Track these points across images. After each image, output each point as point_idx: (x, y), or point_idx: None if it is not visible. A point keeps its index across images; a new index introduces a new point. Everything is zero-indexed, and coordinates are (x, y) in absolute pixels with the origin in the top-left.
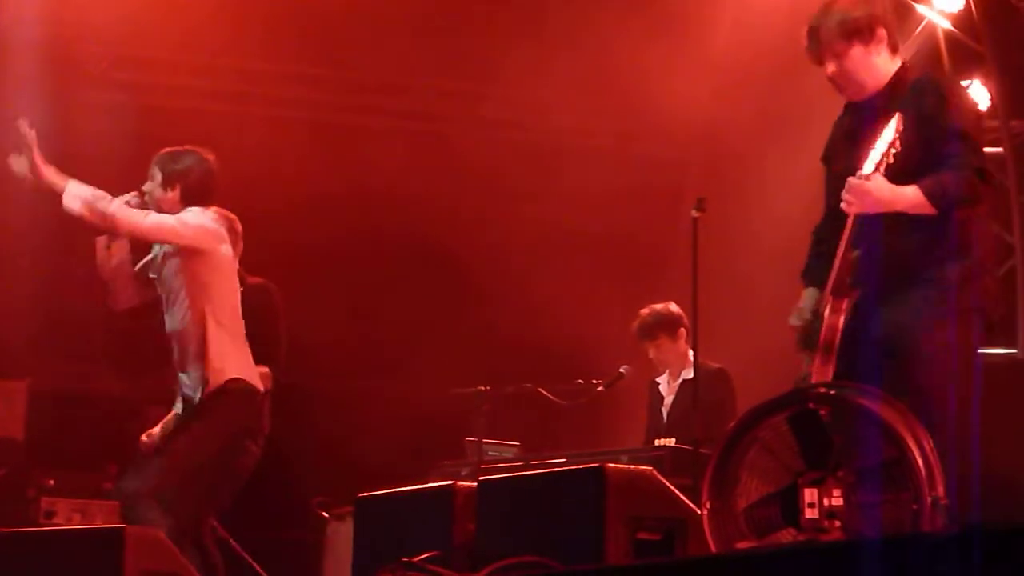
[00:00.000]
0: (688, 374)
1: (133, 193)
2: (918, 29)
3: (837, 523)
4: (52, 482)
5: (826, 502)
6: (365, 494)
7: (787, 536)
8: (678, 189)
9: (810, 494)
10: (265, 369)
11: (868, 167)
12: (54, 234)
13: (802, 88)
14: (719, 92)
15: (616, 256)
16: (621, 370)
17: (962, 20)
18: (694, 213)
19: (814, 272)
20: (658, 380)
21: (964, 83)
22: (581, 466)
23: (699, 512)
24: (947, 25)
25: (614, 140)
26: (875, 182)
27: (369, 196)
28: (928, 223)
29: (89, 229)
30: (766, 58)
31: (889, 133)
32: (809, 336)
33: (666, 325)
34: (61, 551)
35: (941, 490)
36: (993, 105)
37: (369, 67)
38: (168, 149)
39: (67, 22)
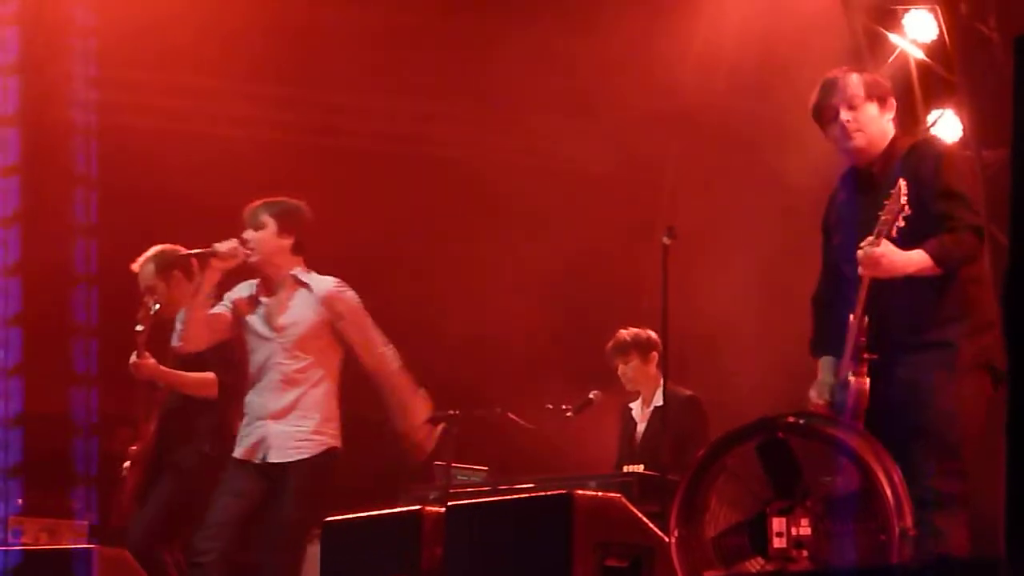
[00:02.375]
0: (660, 400)
1: (234, 241)
2: (891, 58)
3: (805, 552)
4: (20, 501)
5: (794, 531)
6: (333, 518)
7: (755, 565)
8: (650, 215)
9: (778, 523)
10: (211, 375)
11: (877, 234)
12: (30, 250)
13: (775, 113)
14: (692, 116)
15: (588, 281)
16: (591, 395)
17: (935, 50)
18: (665, 240)
19: (824, 341)
20: (631, 406)
21: (936, 112)
22: (549, 492)
23: (667, 539)
24: (920, 55)
25: (588, 164)
26: (884, 248)
27: (342, 215)
28: (930, 286)
29: None
30: (738, 84)
31: (897, 199)
32: (836, 409)
33: (640, 346)
34: (29, 571)
35: (909, 521)
36: (965, 135)
37: (349, 88)
38: (273, 199)
39: (40, 42)
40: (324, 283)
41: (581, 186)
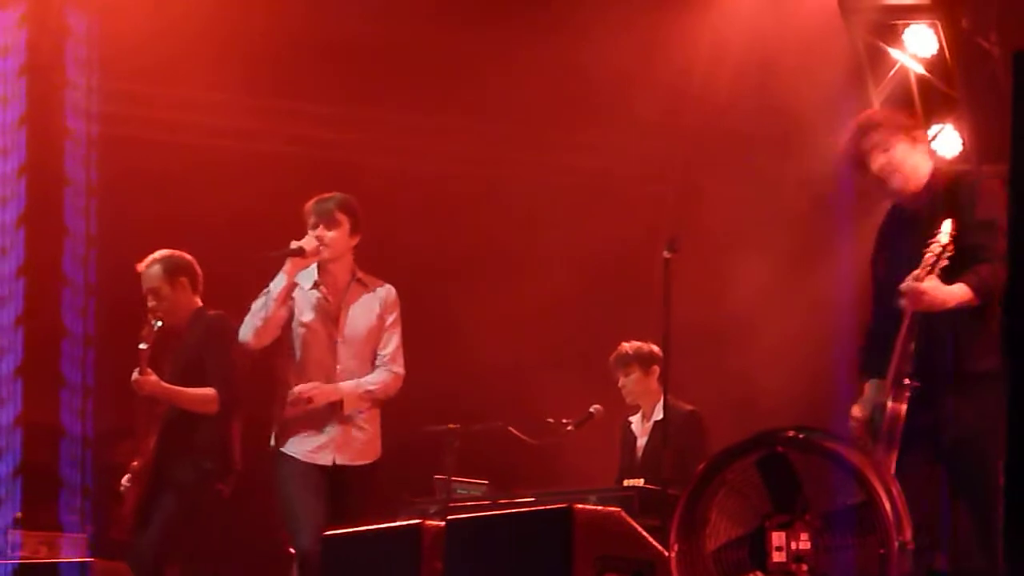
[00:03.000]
0: (660, 415)
1: (314, 239)
2: (891, 73)
3: (804, 567)
4: (19, 515)
5: (793, 545)
6: (332, 532)
7: None
8: (653, 227)
9: (778, 537)
10: (211, 391)
11: (921, 269)
12: (30, 258)
13: (778, 123)
14: (697, 126)
15: (592, 294)
16: (591, 410)
17: (935, 64)
18: (666, 254)
19: (872, 364)
20: (631, 420)
21: (936, 127)
22: (550, 506)
23: (667, 553)
24: (920, 69)
25: (592, 176)
26: (928, 283)
27: None
28: (969, 317)
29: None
30: (740, 96)
31: (943, 237)
32: (872, 426)
33: (642, 360)
34: None
35: (908, 535)
36: (965, 150)
37: (349, 101)
38: (340, 195)
39: (44, 51)
40: (384, 287)
41: (587, 197)
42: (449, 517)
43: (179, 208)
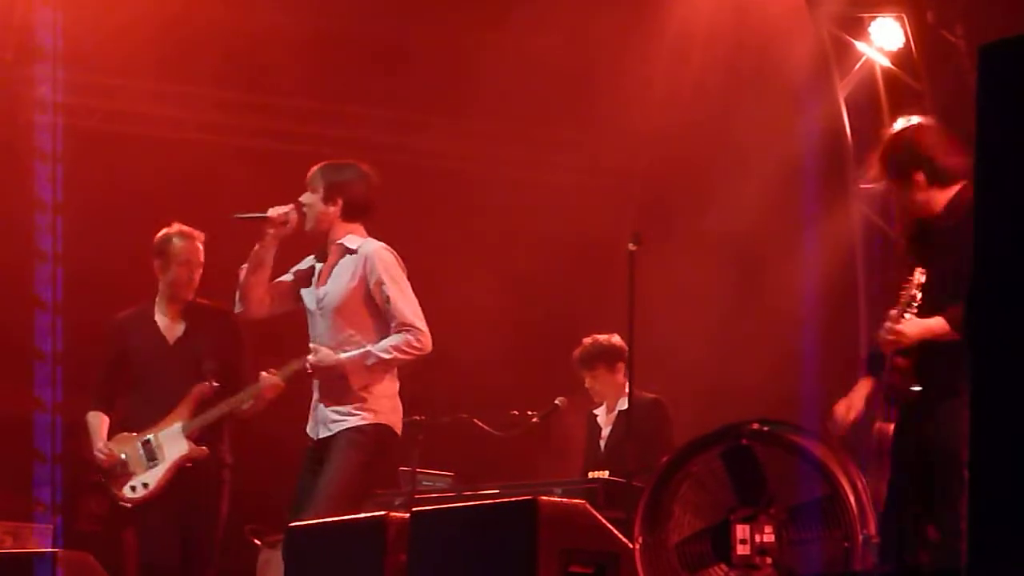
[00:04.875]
0: (624, 405)
1: (290, 206)
2: (857, 66)
3: (768, 560)
4: None
5: (758, 538)
6: (297, 523)
7: (719, 572)
8: (617, 220)
9: (742, 530)
10: None
11: (899, 311)
12: None
13: (744, 114)
14: (661, 126)
15: (554, 286)
16: (556, 402)
17: (902, 58)
18: (631, 247)
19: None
20: (596, 412)
21: (901, 120)
22: (514, 498)
23: (631, 546)
24: (886, 63)
25: (553, 170)
26: (905, 324)
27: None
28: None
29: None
30: (704, 93)
31: (912, 285)
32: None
33: (606, 357)
34: None
35: (873, 528)
36: None
37: (310, 95)
38: (329, 162)
39: (8, 45)
40: (369, 245)
41: (551, 191)
42: (414, 509)
43: (144, 199)
